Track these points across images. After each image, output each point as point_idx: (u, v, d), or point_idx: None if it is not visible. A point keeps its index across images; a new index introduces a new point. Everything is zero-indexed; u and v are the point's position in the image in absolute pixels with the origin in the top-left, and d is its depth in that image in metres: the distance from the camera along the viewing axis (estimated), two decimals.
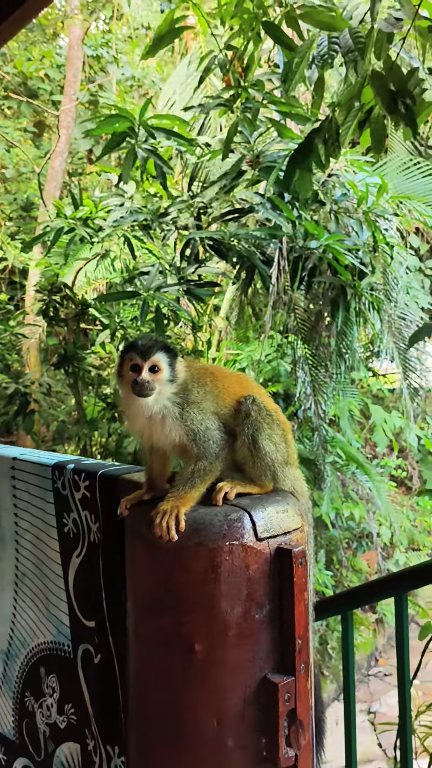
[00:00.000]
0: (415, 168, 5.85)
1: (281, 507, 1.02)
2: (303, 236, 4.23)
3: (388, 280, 4.51)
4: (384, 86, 3.22)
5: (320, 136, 3.39)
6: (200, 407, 1.11)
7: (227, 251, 3.95)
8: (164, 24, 3.11)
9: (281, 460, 1.12)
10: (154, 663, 1.00)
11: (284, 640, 0.95)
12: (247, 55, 3.34)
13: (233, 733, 0.94)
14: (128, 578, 1.09)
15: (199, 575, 0.94)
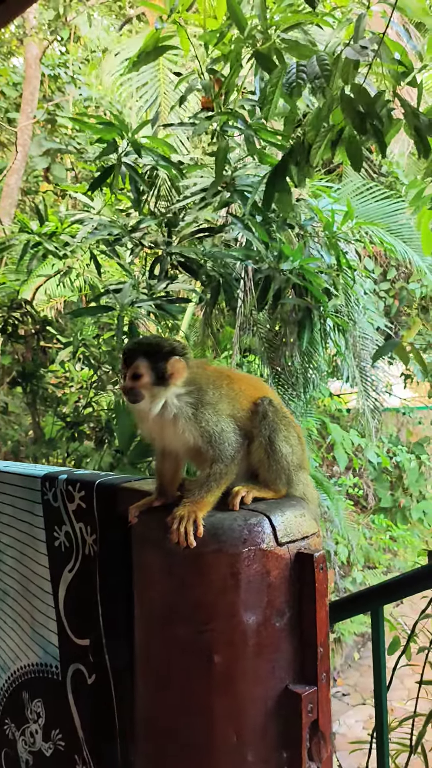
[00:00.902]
0: (368, 193, 6.03)
1: (299, 511, 1.00)
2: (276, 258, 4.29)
3: (350, 302, 4.61)
4: (353, 108, 3.32)
5: (293, 158, 3.46)
6: (215, 408, 1.09)
7: (198, 269, 3.96)
8: (150, 41, 3.14)
9: (296, 463, 1.10)
10: (169, 676, 0.96)
11: (305, 648, 0.93)
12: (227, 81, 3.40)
13: (254, 747, 0.90)
14: (137, 589, 1.04)
15: (219, 582, 0.90)
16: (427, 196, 4.02)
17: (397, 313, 7.21)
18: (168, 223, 4.01)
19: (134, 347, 1.13)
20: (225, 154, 3.48)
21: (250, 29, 3.16)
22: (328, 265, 4.41)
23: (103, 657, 1.23)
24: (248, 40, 3.21)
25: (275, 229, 4.14)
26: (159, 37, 3.29)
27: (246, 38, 3.18)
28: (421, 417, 8.51)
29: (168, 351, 1.11)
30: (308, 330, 4.45)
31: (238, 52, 3.28)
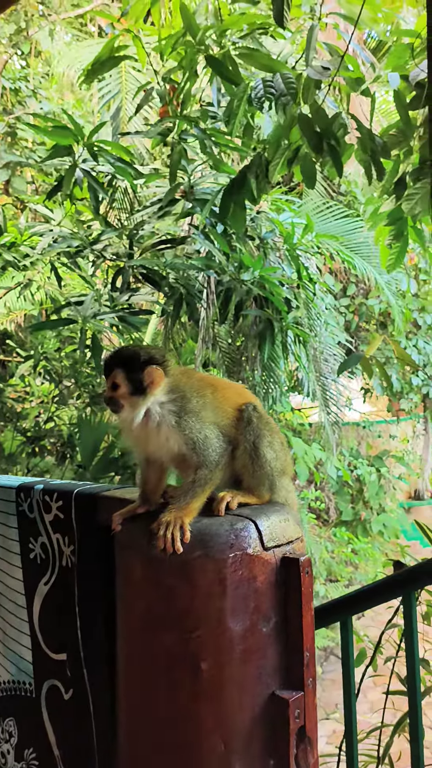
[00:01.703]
0: (327, 211, 6.16)
1: (283, 516, 1.00)
2: (237, 268, 4.33)
3: (311, 315, 4.68)
4: (310, 128, 3.40)
5: (252, 171, 3.51)
6: (198, 416, 1.09)
7: (160, 281, 3.96)
8: (105, 51, 3.14)
9: (279, 469, 1.11)
10: (155, 685, 0.94)
11: (291, 653, 0.92)
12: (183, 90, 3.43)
13: (241, 755, 0.89)
14: (120, 598, 1.02)
15: (206, 588, 0.90)
16: (383, 213, 4.13)
17: (356, 329, 7.36)
18: (129, 235, 4.01)
19: (112, 358, 1.14)
20: (179, 159, 3.51)
21: (203, 34, 3.20)
22: (289, 277, 4.48)
23: (81, 670, 1.20)
24: (201, 45, 3.25)
25: (235, 240, 4.18)
26: (114, 47, 3.30)
27: (198, 43, 3.22)
28: (380, 431, 8.66)
29: (145, 360, 1.11)
30: (269, 342, 4.49)
31: (192, 58, 3.31)
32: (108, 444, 5.19)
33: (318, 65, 3.30)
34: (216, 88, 3.51)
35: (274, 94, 3.32)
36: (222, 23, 3.28)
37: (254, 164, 3.66)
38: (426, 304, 7.45)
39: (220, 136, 3.46)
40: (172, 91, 3.45)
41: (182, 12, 3.16)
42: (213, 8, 3.27)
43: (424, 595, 3.16)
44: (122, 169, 3.43)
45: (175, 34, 3.35)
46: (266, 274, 4.24)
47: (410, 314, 6.97)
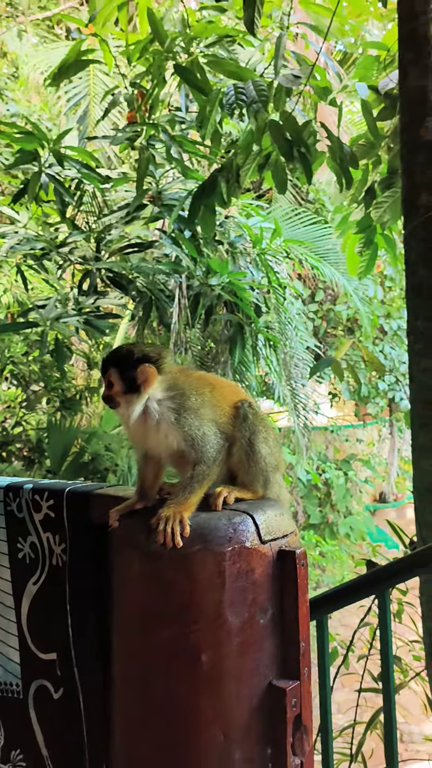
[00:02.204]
0: (296, 217, 6.25)
1: (278, 510, 1.02)
2: (204, 273, 4.34)
3: (282, 320, 4.73)
4: (281, 135, 3.46)
5: (223, 176, 3.54)
6: (197, 413, 1.11)
7: (128, 285, 3.96)
8: (71, 54, 3.14)
9: (274, 465, 1.13)
10: (154, 680, 0.95)
11: (287, 644, 0.95)
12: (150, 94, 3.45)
13: (240, 745, 0.91)
14: (117, 594, 1.03)
15: (206, 581, 0.91)
16: (352, 221, 4.21)
17: (324, 334, 7.48)
18: (97, 238, 4.00)
19: (107, 357, 1.17)
20: (147, 164, 3.52)
21: (171, 42, 3.23)
22: (259, 282, 4.53)
23: (71, 669, 1.20)
24: (168, 53, 3.28)
25: (203, 245, 4.21)
26: (80, 51, 3.31)
27: (166, 51, 3.25)
28: (347, 435, 8.80)
29: (138, 359, 1.13)
30: (240, 346, 4.53)
31: (160, 65, 3.34)
32: (78, 449, 5.15)
33: (289, 73, 3.36)
34: (184, 93, 3.54)
35: (246, 100, 3.36)
36: (190, 31, 3.31)
37: (225, 168, 3.70)
38: (392, 310, 7.62)
39: (188, 143, 3.49)
40: (140, 96, 3.47)
41: (150, 19, 3.18)
42: (180, 15, 3.30)
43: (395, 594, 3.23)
44: (88, 175, 3.43)
45: (143, 40, 3.38)
46: (235, 279, 4.27)
47: (377, 320, 7.12)
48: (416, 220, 2.48)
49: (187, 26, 3.19)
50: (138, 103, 3.32)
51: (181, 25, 3.14)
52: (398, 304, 7.63)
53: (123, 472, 5.00)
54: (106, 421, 5.86)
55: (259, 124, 3.44)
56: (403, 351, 7.78)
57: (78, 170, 3.38)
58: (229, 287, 4.28)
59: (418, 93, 2.56)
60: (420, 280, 2.48)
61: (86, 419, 6.03)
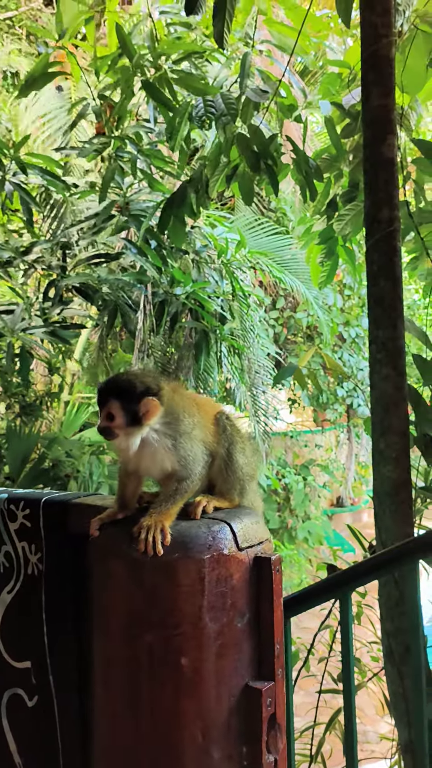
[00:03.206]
0: (258, 227, 6.35)
1: (254, 519, 1.07)
2: (169, 283, 4.38)
3: (245, 327, 4.80)
4: (248, 147, 3.53)
5: (192, 187, 3.59)
6: (190, 436, 1.13)
7: (93, 294, 3.96)
8: (38, 66, 3.14)
9: (250, 474, 1.17)
10: (137, 684, 0.98)
11: (263, 646, 0.99)
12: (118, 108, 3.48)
13: (218, 744, 0.94)
14: (97, 602, 1.05)
15: (187, 587, 0.95)
16: (315, 232, 4.31)
17: (285, 341, 7.60)
18: (62, 246, 4.00)
19: (107, 388, 1.13)
20: (112, 175, 3.55)
21: (139, 58, 3.27)
22: (223, 290, 4.59)
23: (47, 677, 1.21)
24: (137, 68, 3.32)
25: (168, 255, 4.25)
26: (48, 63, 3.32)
27: (135, 66, 3.29)
28: (306, 440, 8.94)
29: (142, 392, 1.11)
30: (205, 353, 4.58)
31: (128, 79, 3.38)
32: (38, 455, 5.10)
33: (257, 88, 3.43)
34: (152, 106, 3.58)
35: (215, 113, 3.42)
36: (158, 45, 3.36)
37: (195, 180, 3.75)
38: (350, 318, 7.80)
39: (156, 158, 3.53)
40: (109, 108, 3.49)
41: (118, 33, 3.21)
42: (149, 30, 3.34)
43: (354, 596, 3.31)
44: (53, 183, 3.43)
45: (111, 54, 3.40)
46: (199, 289, 4.32)
47: (336, 328, 7.28)
48: (378, 234, 2.56)
49: (156, 41, 3.23)
50: (107, 115, 3.34)
51: (150, 40, 3.18)
52: (356, 312, 7.82)
53: (84, 479, 4.98)
54: (66, 427, 5.82)
55: (227, 137, 3.51)
56: (361, 358, 7.98)
57: (42, 177, 3.38)
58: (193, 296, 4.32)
59: (380, 112, 2.65)
60: (381, 292, 2.57)
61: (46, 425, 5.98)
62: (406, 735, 2.63)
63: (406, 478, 2.54)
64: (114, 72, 3.45)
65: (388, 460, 2.54)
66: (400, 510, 2.54)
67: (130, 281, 4.01)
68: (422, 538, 2.17)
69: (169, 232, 3.72)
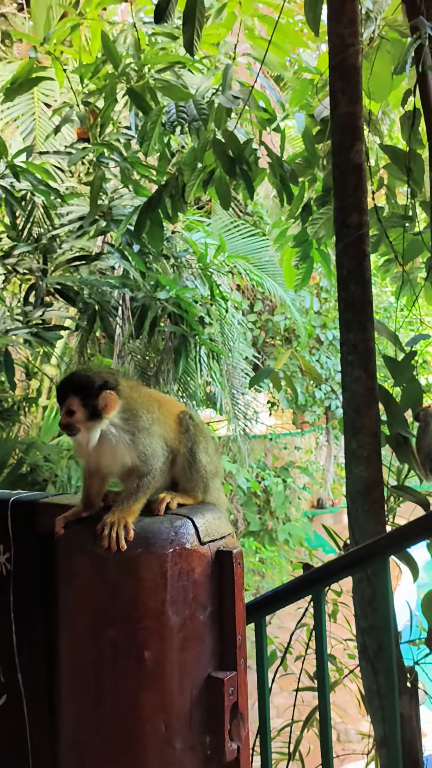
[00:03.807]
0: (235, 230, 6.40)
1: (216, 514, 1.10)
2: (153, 287, 4.41)
3: (224, 331, 4.84)
4: (224, 152, 3.57)
5: (168, 191, 3.63)
6: (149, 432, 1.17)
7: (75, 296, 3.98)
8: (23, 71, 3.16)
9: (213, 472, 1.21)
10: (101, 678, 1.00)
11: (225, 637, 1.02)
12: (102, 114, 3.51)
13: (181, 735, 0.97)
14: (64, 599, 1.08)
15: (150, 582, 0.97)
16: (290, 235, 4.37)
17: (263, 344, 7.66)
18: (44, 250, 4.02)
19: (66, 384, 1.17)
20: (101, 183, 3.58)
21: (124, 66, 3.31)
22: (203, 295, 4.63)
23: (15, 675, 1.23)
24: (122, 76, 3.36)
25: (151, 259, 4.29)
26: (32, 68, 3.34)
27: (120, 74, 3.33)
28: (285, 443, 9.00)
29: (99, 386, 1.15)
30: (184, 357, 4.61)
31: (113, 86, 3.41)
32: (16, 460, 5.09)
33: (229, 94, 3.48)
34: (135, 113, 3.62)
35: (186, 118, 3.46)
36: (142, 54, 3.40)
37: (170, 184, 3.78)
38: (327, 321, 7.88)
39: (140, 166, 3.57)
40: (92, 115, 3.53)
41: (103, 41, 3.25)
42: (133, 39, 3.38)
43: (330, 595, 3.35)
44: (43, 191, 3.46)
45: (96, 61, 3.44)
46: (181, 293, 4.35)
47: (313, 330, 7.35)
48: (347, 239, 2.61)
49: (139, 50, 3.28)
50: (90, 122, 3.38)
51: (134, 49, 3.23)
52: (333, 315, 7.91)
53: (63, 483, 4.98)
54: (45, 432, 5.80)
55: (201, 142, 3.55)
56: (338, 361, 8.04)
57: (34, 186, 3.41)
58: (174, 300, 4.36)
59: (347, 119, 2.70)
60: (351, 295, 2.62)
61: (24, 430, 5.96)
62: (381, 730, 2.67)
63: (378, 478, 2.59)
64: (98, 78, 3.49)
65: (360, 459, 2.59)
66: (373, 509, 2.59)
67: (116, 284, 4.04)
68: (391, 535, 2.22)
69: (146, 235, 3.75)
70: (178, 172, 3.87)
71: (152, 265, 4.33)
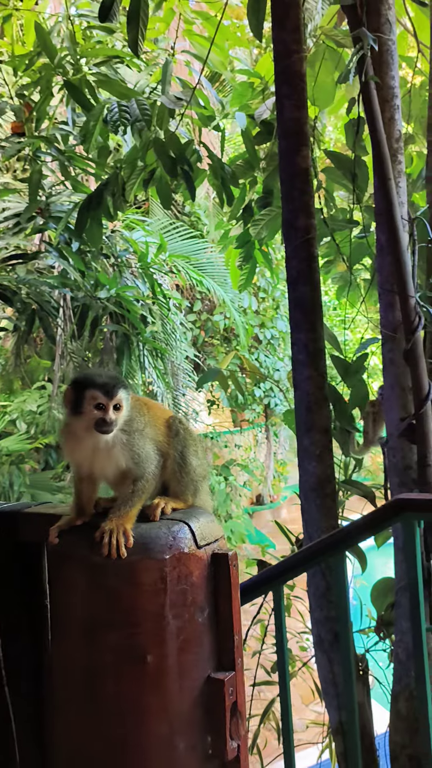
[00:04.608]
0: (174, 230, 6.40)
1: (209, 518, 1.11)
2: (93, 286, 4.36)
3: (167, 330, 4.84)
4: (165, 152, 3.57)
5: (108, 189, 3.60)
6: (142, 434, 1.17)
7: (12, 296, 3.88)
8: None
9: (202, 475, 1.22)
10: (102, 683, 1.00)
11: (223, 638, 1.03)
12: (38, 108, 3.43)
13: (184, 735, 0.98)
14: (59, 607, 1.06)
15: (149, 587, 0.98)
16: (233, 236, 4.41)
17: (203, 344, 7.69)
18: None
19: (113, 379, 1.15)
20: (39, 178, 3.51)
21: (60, 59, 3.26)
22: (144, 294, 4.61)
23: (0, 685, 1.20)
24: (58, 69, 3.30)
25: (90, 258, 4.23)
26: None
27: (56, 66, 3.27)
28: (226, 441, 9.06)
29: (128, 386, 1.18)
30: (127, 356, 4.58)
31: (49, 79, 3.35)
32: None
33: (172, 95, 3.48)
34: (71, 108, 3.56)
35: (129, 118, 3.44)
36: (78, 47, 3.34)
37: (111, 182, 3.75)
38: (265, 320, 8.00)
39: (78, 159, 3.51)
40: (27, 108, 3.44)
41: (38, 33, 3.18)
42: (68, 32, 3.32)
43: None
44: None
45: (30, 52, 3.35)
46: (122, 293, 4.32)
47: (252, 330, 7.45)
48: (296, 241, 2.67)
49: (75, 43, 3.22)
50: (26, 115, 3.29)
51: (70, 42, 3.17)
52: (271, 315, 8.04)
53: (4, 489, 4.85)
54: None
55: (143, 141, 3.54)
56: (277, 359, 8.20)
57: None
58: (115, 300, 4.32)
59: (293, 124, 2.76)
60: (301, 296, 2.68)
61: None
62: (336, 718, 2.76)
63: (330, 473, 2.67)
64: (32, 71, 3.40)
65: (313, 456, 2.66)
66: (325, 504, 2.66)
67: (54, 284, 3.96)
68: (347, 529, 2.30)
69: (86, 234, 3.70)
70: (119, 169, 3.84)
71: (92, 264, 4.28)
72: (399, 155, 2.60)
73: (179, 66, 4.59)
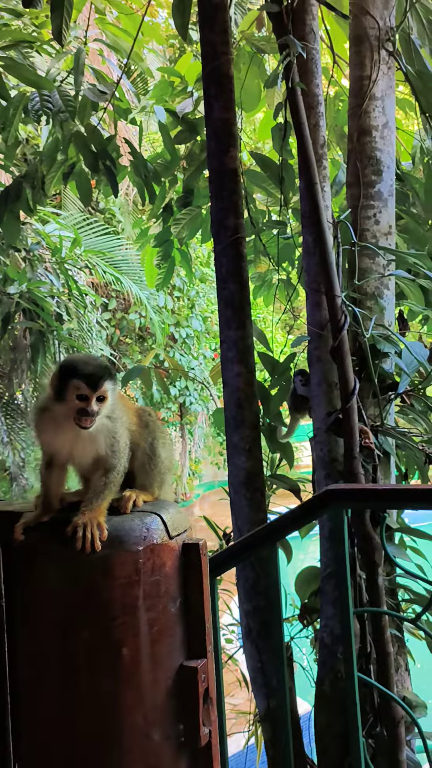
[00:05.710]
0: (88, 226, 6.29)
1: (177, 509, 1.12)
2: (2, 281, 4.21)
3: (83, 327, 4.76)
4: (86, 146, 3.52)
5: (28, 182, 3.50)
6: (122, 421, 1.16)
7: None
8: None
9: (168, 467, 1.22)
10: (77, 679, 0.98)
11: (194, 627, 1.05)
12: None
13: (158, 725, 0.99)
14: (29, 605, 1.03)
15: (124, 579, 0.97)
16: (151, 234, 4.40)
17: (117, 342, 7.60)
18: None
19: (99, 369, 1.11)
20: None
21: None
22: (58, 289, 4.51)
23: None
24: None
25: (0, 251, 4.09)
26: None
27: None
28: None
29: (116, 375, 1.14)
30: (42, 354, 4.46)
31: None
32: None
33: (95, 88, 3.43)
34: None
35: (52, 109, 3.36)
36: None
37: (30, 175, 3.64)
38: (181, 319, 8.02)
39: None
40: None
41: None
42: None
43: None
44: None
45: None
46: (34, 288, 4.21)
47: (168, 328, 7.44)
48: (226, 240, 2.72)
49: None
50: None
51: None
52: (186, 314, 8.06)
53: None
54: None
55: (65, 134, 3.46)
56: (192, 357, 8.25)
57: None
58: (28, 295, 4.19)
59: (222, 125, 2.79)
60: (230, 294, 2.72)
61: None
62: (264, 705, 2.83)
63: (259, 468, 2.73)
64: None
65: (242, 452, 2.71)
66: (255, 498, 2.72)
67: None
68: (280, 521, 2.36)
69: (2, 228, 3.58)
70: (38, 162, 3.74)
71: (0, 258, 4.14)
72: (324, 160, 2.70)
73: (92, 54, 4.51)
